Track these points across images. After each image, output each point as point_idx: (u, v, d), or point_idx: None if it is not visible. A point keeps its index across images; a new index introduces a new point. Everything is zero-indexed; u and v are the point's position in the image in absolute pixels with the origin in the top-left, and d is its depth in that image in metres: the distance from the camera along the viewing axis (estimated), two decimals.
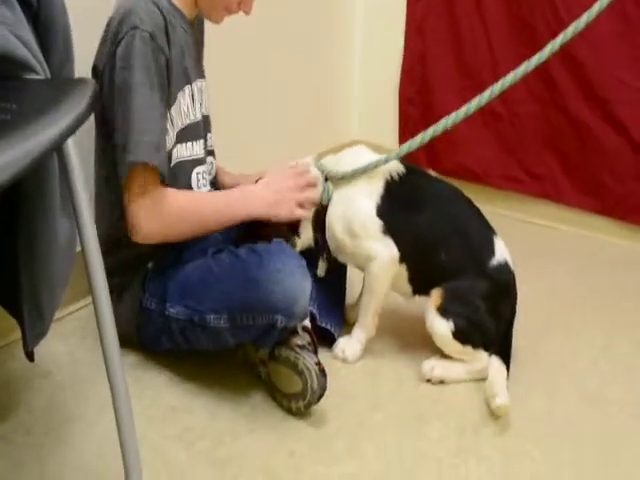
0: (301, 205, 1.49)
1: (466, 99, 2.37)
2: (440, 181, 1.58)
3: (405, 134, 2.53)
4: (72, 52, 1.21)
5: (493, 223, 1.57)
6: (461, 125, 2.35)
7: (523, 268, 1.97)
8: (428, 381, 1.49)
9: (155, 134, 1.30)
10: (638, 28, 2.06)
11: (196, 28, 1.52)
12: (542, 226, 2.29)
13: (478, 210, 1.54)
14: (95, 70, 1.37)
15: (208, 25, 1.57)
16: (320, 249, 1.53)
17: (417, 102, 2.48)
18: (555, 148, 2.26)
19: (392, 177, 1.48)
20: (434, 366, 1.49)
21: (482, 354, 1.48)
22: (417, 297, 1.54)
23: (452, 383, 1.49)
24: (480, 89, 2.33)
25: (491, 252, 1.49)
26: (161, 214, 1.34)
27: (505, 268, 1.50)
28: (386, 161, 1.46)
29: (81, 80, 1.07)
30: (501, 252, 1.50)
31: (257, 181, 1.52)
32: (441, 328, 1.46)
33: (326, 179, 1.50)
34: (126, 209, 1.34)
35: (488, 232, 1.52)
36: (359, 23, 2.56)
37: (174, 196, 1.36)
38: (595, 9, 1.34)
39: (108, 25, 1.34)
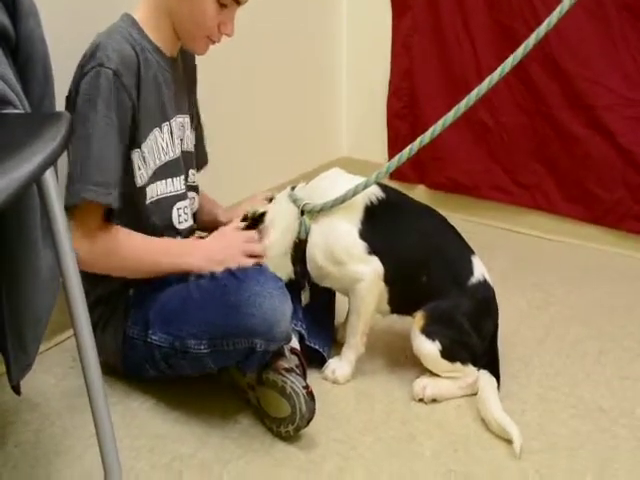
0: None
1: None
2: (418, 203, 1.58)
3: (394, 149, 2.53)
4: (52, 84, 1.21)
5: (484, 235, 1.58)
6: (449, 138, 2.39)
7: (514, 279, 1.99)
8: (420, 400, 1.48)
9: (108, 172, 1.30)
10: (621, 34, 2.07)
11: (182, 65, 1.52)
12: (533, 236, 2.29)
13: (455, 230, 1.55)
14: (67, 98, 1.37)
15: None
16: (301, 281, 1.52)
17: (405, 117, 2.49)
18: (543, 158, 2.27)
19: (372, 202, 1.48)
20: (426, 385, 1.48)
21: (471, 368, 1.48)
22: (395, 315, 1.55)
23: (444, 400, 1.48)
24: None
25: (470, 272, 1.50)
26: (101, 251, 1.35)
27: (484, 285, 1.51)
28: (365, 187, 1.45)
29: (57, 114, 1.08)
30: (479, 270, 1.51)
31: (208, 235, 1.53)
32: (428, 349, 1.45)
33: (302, 212, 1.48)
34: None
35: (466, 252, 1.53)
36: (345, 39, 2.58)
37: (116, 236, 1.36)
38: (567, 3, 1.33)
39: (82, 57, 1.35)
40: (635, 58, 2.08)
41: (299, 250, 1.49)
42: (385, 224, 1.47)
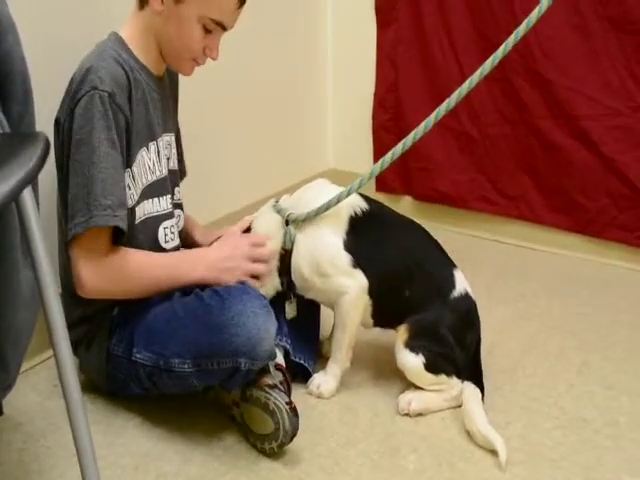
0: (247, 275, 1.45)
1: (440, 123, 2.41)
2: (400, 216, 1.58)
3: (380, 159, 2.54)
4: (32, 103, 1.21)
5: (469, 245, 1.58)
6: (434, 150, 2.41)
7: (499, 289, 2.00)
8: (406, 415, 1.48)
9: (114, 194, 1.30)
10: (603, 45, 2.09)
11: (167, 82, 1.53)
12: (518, 246, 2.30)
13: (438, 244, 1.56)
14: (57, 123, 1.37)
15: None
16: (287, 292, 1.52)
17: (391, 129, 2.50)
18: (527, 168, 2.28)
19: (356, 213, 1.48)
20: (411, 400, 1.48)
21: (455, 381, 1.49)
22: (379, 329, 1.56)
23: (430, 414, 1.48)
24: (453, 113, 2.37)
25: (452, 285, 1.51)
26: (108, 274, 1.34)
27: (466, 298, 1.52)
28: (348, 193, 1.45)
29: (34, 134, 1.08)
30: (461, 283, 1.52)
31: (211, 243, 1.52)
32: (412, 362, 1.46)
33: (287, 222, 1.48)
34: (72, 264, 1.34)
35: (448, 266, 1.54)
36: (330, 51, 2.59)
37: (123, 256, 1.36)
38: (544, 3, 1.33)
39: (71, 81, 1.35)
40: (617, 68, 2.10)
41: (285, 261, 1.48)
42: (368, 236, 1.48)
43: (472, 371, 1.50)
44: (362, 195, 1.52)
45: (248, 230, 1.52)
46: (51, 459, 1.34)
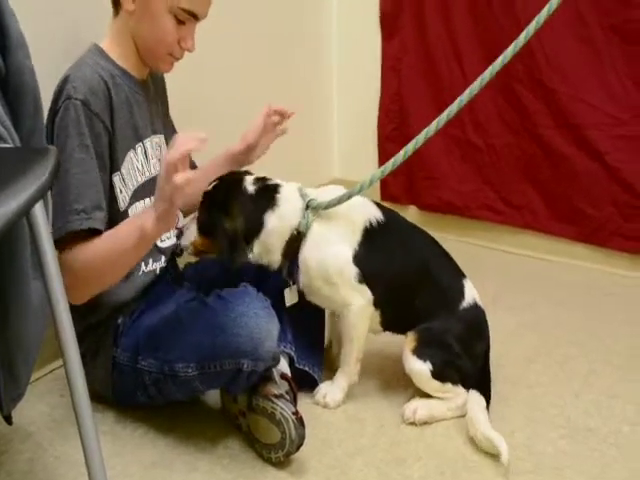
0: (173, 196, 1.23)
1: (443, 131, 2.41)
2: (412, 226, 1.60)
3: None
4: (42, 117, 1.23)
5: (474, 255, 1.59)
6: (440, 159, 2.42)
7: (506, 299, 2.01)
8: (412, 424, 1.49)
9: (88, 197, 1.32)
10: (606, 54, 2.11)
11: (153, 86, 1.55)
12: (522, 256, 2.31)
13: (448, 255, 1.58)
14: (46, 139, 1.35)
15: (194, 73, 1.59)
16: (287, 279, 1.52)
17: (396, 139, 2.51)
18: (532, 177, 2.29)
19: (371, 224, 1.50)
20: (416, 408, 1.49)
21: (461, 390, 1.50)
22: (387, 339, 1.58)
23: (435, 422, 1.49)
24: (456, 121, 2.39)
25: (461, 296, 1.53)
26: (75, 272, 1.31)
27: (474, 309, 1.54)
28: (371, 183, 1.45)
29: (45, 149, 1.10)
30: (470, 294, 1.54)
31: None
32: (419, 369, 1.48)
33: (307, 207, 1.47)
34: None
35: (458, 277, 1.56)
36: (336, 62, 2.61)
37: (80, 248, 1.33)
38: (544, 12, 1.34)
39: (53, 94, 1.37)
40: (621, 77, 2.11)
41: (294, 243, 1.47)
42: (380, 247, 1.49)
43: (480, 379, 1.51)
44: (377, 204, 1.54)
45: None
46: (61, 468, 1.35)
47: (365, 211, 1.50)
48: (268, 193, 1.48)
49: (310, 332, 1.61)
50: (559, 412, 1.53)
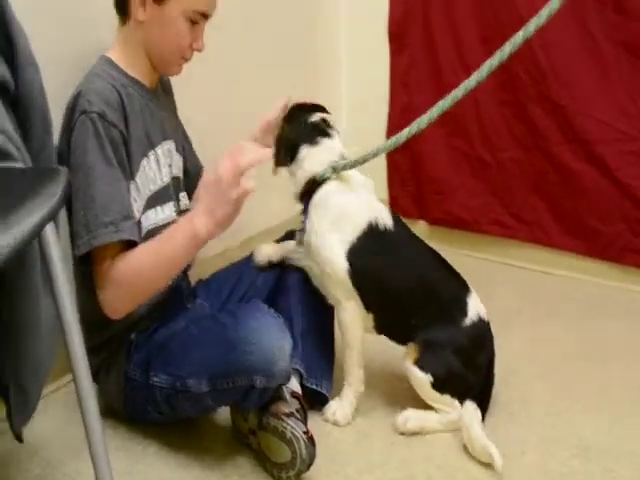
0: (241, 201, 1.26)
1: (452, 146, 2.45)
2: (419, 240, 1.59)
3: (393, 183, 2.57)
4: (51, 135, 1.23)
5: (484, 270, 1.59)
6: (449, 174, 2.42)
7: (514, 314, 1.99)
8: (402, 434, 1.50)
9: (115, 209, 1.31)
10: (615, 69, 2.10)
11: (161, 92, 1.55)
12: (532, 271, 2.30)
13: (452, 269, 1.57)
14: (60, 156, 1.36)
15: (195, 78, 1.58)
16: (303, 216, 1.55)
17: (404, 152, 2.51)
18: (542, 192, 2.28)
19: (377, 223, 1.50)
20: (407, 418, 1.50)
21: (456, 404, 1.50)
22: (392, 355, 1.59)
23: (427, 434, 1.50)
24: (465, 136, 2.40)
25: (464, 313, 1.52)
26: (119, 285, 1.32)
27: (479, 324, 1.53)
28: (393, 145, 1.53)
29: (55, 170, 1.10)
30: (474, 308, 1.53)
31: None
32: (420, 379, 1.49)
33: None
34: (97, 289, 1.34)
35: (461, 293, 1.55)
36: (344, 77, 2.62)
37: (121, 260, 1.32)
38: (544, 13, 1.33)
39: (65, 111, 1.37)
40: (630, 93, 2.10)
41: (307, 189, 1.53)
42: (379, 251, 1.49)
43: (481, 390, 1.52)
44: (393, 215, 1.54)
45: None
46: None
47: (372, 207, 1.51)
48: (317, 132, 1.56)
49: (319, 348, 1.60)
50: (571, 431, 1.51)
